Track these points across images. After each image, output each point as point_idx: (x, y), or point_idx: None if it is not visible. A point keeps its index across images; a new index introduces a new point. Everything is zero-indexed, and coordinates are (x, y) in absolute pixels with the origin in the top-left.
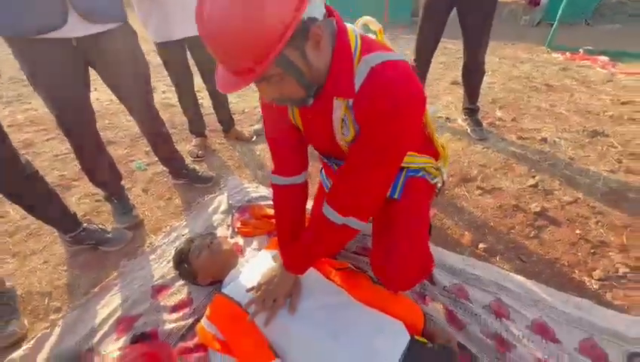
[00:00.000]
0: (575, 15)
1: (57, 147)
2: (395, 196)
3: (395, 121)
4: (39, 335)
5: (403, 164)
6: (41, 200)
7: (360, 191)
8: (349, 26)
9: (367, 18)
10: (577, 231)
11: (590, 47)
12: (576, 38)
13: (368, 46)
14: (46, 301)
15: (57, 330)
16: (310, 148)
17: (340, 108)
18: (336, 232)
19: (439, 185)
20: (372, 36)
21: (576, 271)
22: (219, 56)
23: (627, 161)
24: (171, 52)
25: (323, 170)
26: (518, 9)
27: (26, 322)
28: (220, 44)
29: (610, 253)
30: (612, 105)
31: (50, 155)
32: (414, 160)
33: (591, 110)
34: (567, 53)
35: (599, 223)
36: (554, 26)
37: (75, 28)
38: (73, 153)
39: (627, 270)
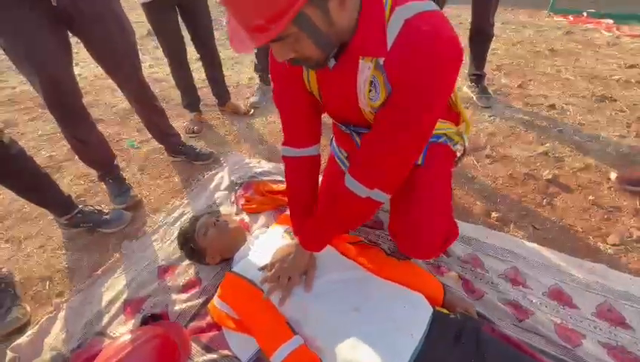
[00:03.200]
0: None
1: (42, 126)
2: (419, 162)
3: (433, 79)
4: (44, 319)
5: None
6: (30, 181)
7: (390, 159)
8: None
9: None
10: (590, 197)
11: (593, 10)
12: (578, 1)
13: None
14: (47, 285)
15: (62, 314)
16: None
17: (367, 69)
18: (359, 206)
19: (460, 152)
20: None
21: (590, 237)
22: (231, 9)
23: (636, 125)
24: (161, 13)
25: (334, 140)
26: None
27: (28, 308)
28: None
29: (624, 218)
30: (619, 69)
31: (36, 135)
32: (437, 125)
33: (597, 74)
34: (570, 17)
35: (611, 188)
36: None
37: None
38: (61, 131)
39: None
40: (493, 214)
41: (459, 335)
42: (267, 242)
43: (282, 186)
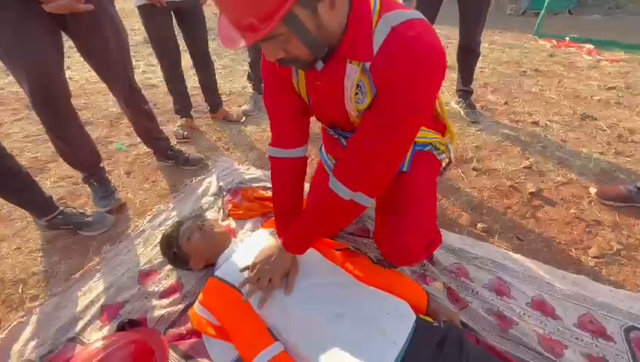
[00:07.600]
0: (560, 4)
1: (28, 128)
2: (404, 169)
3: (417, 84)
4: (14, 324)
5: None
6: (12, 180)
7: (374, 162)
8: None
9: None
10: (572, 211)
11: (575, 35)
12: (560, 27)
13: (388, 5)
14: (20, 289)
15: (34, 318)
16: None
17: (354, 73)
18: (342, 209)
19: (445, 162)
20: None
21: (573, 249)
22: (223, 8)
23: (615, 143)
24: (156, 18)
25: (323, 148)
26: None
27: None
28: None
29: (604, 231)
30: (599, 90)
31: (21, 136)
32: (422, 134)
33: (579, 95)
34: (554, 41)
35: (592, 203)
36: (541, 13)
37: None
38: (46, 132)
39: (621, 247)
40: (479, 225)
41: (442, 344)
42: (251, 245)
43: (271, 193)
